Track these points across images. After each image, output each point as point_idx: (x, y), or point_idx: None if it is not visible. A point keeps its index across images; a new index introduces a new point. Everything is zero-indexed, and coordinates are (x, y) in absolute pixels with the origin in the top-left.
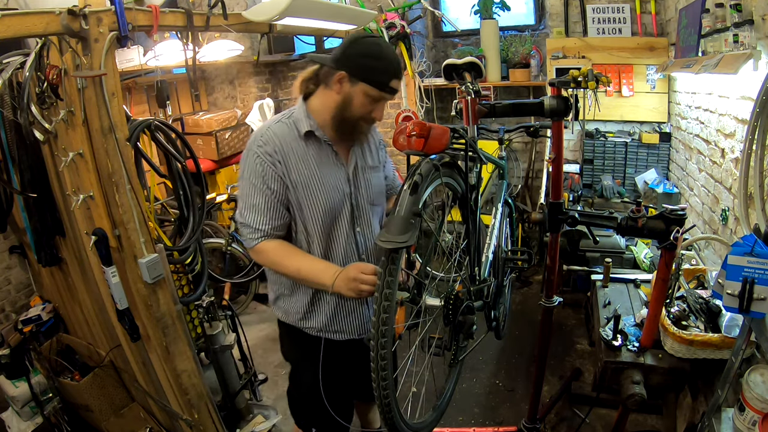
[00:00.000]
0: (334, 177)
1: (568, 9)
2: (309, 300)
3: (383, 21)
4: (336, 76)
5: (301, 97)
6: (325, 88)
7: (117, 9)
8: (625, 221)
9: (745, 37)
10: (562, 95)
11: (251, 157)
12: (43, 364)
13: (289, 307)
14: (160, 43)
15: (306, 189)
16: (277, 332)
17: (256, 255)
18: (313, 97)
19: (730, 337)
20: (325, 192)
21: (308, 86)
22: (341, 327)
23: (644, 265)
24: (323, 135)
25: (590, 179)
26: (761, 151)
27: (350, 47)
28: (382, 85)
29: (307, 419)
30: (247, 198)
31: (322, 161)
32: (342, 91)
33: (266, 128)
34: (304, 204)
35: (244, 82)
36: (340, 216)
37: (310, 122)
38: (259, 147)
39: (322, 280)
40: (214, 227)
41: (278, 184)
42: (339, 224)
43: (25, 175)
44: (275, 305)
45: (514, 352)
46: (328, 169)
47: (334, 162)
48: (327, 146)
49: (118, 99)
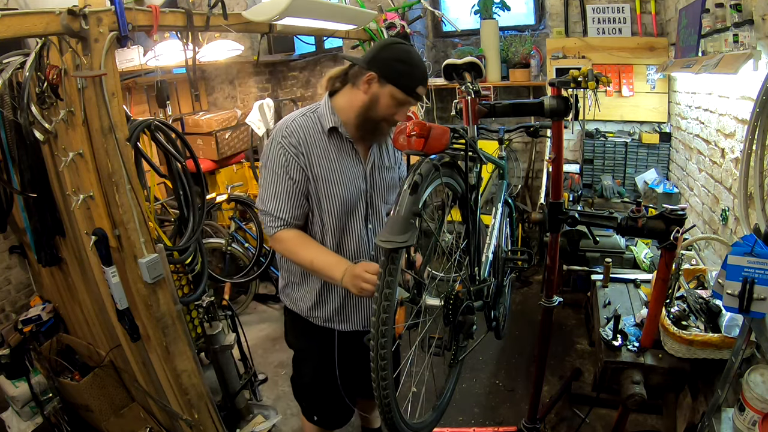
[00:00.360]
0: (353, 173)
1: (568, 9)
2: (318, 290)
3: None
4: (366, 77)
5: (327, 93)
6: (352, 87)
7: (117, 9)
8: (625, 221)
9: (745, 37)
10: (562, 95)
11: (275, 147)
12: (43, 364)
13: (298, 296)
14: (160, 43)
15: (325, 182)
16: (277, 332)
17: (275, 243)
18: (338, 95)
19: (730, 337)
20: (343, 187)
21: (335, 84)
22: (348, 318)
23: (644, 265)
24: (346, 132)
25: (590, 179)
26: (761, 151)
27: (383, 51)
28: (409, 90)
29: (309, 406)
30: (269, 187)
31: (342, 157)
32: (369, 91)
33: (291, 120)
34: (323, 196)
35: (244, 82)
36: (355, 211)
37: (335, 119)
38: (283, 138)
39: (332, 273)
40: (214, 227)
41: (300, 175)
42: (353, 219)
43: (25, 175)
44: (283, 293)
45: (514, 352)
46: (347, 165)
47: (353, 159)
48: (348, 143)
49: (118, 99)
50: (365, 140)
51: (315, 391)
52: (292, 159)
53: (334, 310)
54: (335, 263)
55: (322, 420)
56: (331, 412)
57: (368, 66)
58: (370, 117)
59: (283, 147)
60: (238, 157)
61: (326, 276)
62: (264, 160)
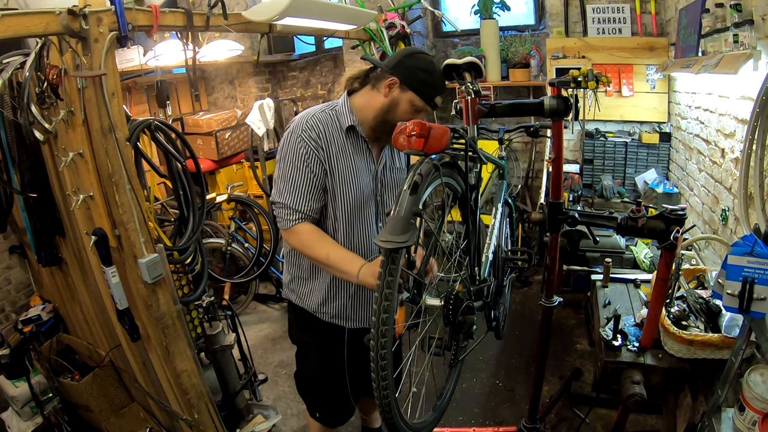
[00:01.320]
0: (366, 171)
1: (568, 9)
2: (327, 286)
3: (383, 21)
4: (387, 81)
5: (345, 92)
6: (371, 89)
7: (117, 9)
8: (625, 221)
9: (745, 37)
10: (562, 95)
11: (295, 139)
12: (43, 364)
13: (305, 291)
14: (160, 43)
15: (341, 178)
16: (277, 332)
17: (290, 236)
18: (356, 95)
19: (730, 337)
20: (357, 184)
21: (353, 84)
22: (356, 315)
23: (644, 265)
24: (362, 131)
25: (590, 179)
26: (761, 151)
27: (408, 59)
28: (429, 98)
29: (312, 402)
30: (287, 179)
31: (357, 155)
32: (390, 95)
33: (310, 116)
34: (338, 192)
35: (244, 82)
36: (366, 208)
37: (353, 117)
38: (303, 131)
39: (348, 269)
40: (214, 227)
41: (319, 168)
42: (364, 216)
43: (25, 175)
44: (288, 288)
45: (514, 352)
46: (361, 164)
47: (367, 158)
48: (363, 142)
49: (118, 99)
50: (380, 141)
51: (317, 386)
52: (312, 152)
53: (343, 307)
54: (351, 259)
55: (323, 417)
56: (332, 409)
57: (392, 71)
58: (388, 120)
59: (303, 140)
60: (238, 157)
61: (341, 271)
62: (282, 153)
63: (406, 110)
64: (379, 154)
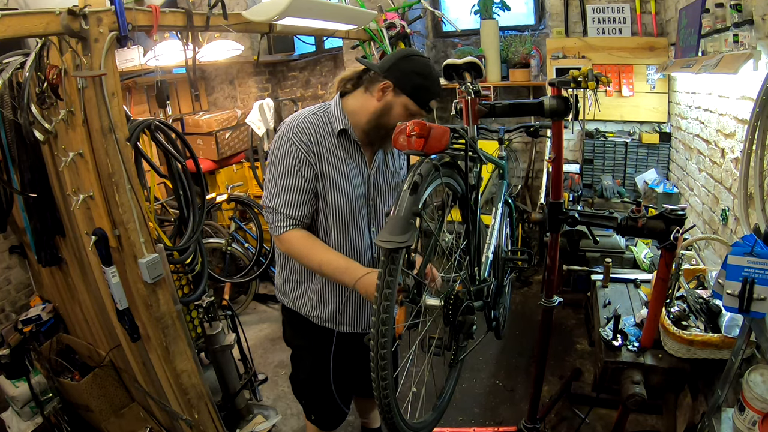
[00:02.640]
0: (358, 176)
1: (568, 9)
2: (320, 290)
3: (383, 21)
4: (381, 84)
5: (337, 94)
6: (365, 92)
7: (117, 9)
8: (625, 221)
9: (745, 37)
10: (562, 95)
11: (286, 143)
12: (43, 364)
13: (297, 295)
14: (160, 43)
15: (333, 182)
16: (277, 332)
17: (282, 243)
18: (349, 97)
19: (730, 337)
20: (349, 188)
21: (346, 86)
22: (349, 320)
23: (644, 265)
24: (354, 135)
25: (590, 179)
26: (761, 151)
27: (402, 61)
28: (423, 103)
29: (307, 404)
30: (278, 183)
31: (349, 159)
32: (383, 99)
33: (301, 118)
34: (330, 197)
35: (244, 82)
36: (358, 213)
37: (345, 121)
38: (294, 135)
39: (343, 279)
40: (214, 227)
41: (311, 172)
42: (356, 221)
43: (25, 175)
44: (280, 291)
45: (514, 352)
46: (353, 168)
47: (359, 162)
48: (356, 146)
49: (118, 99)
50: (372, 145)
51: (310, 389)
52: (304, 156)
53: (335, 311)
54: (345, 268)
55: (318, 420)
56: (325, 412)
57: (385, 74)
58: (381, 124)
59: (294, 144)
60: (238, 157)
61: (336, 279)
62: (272, 156)
63: (401, 115)
64: (372, 158)
